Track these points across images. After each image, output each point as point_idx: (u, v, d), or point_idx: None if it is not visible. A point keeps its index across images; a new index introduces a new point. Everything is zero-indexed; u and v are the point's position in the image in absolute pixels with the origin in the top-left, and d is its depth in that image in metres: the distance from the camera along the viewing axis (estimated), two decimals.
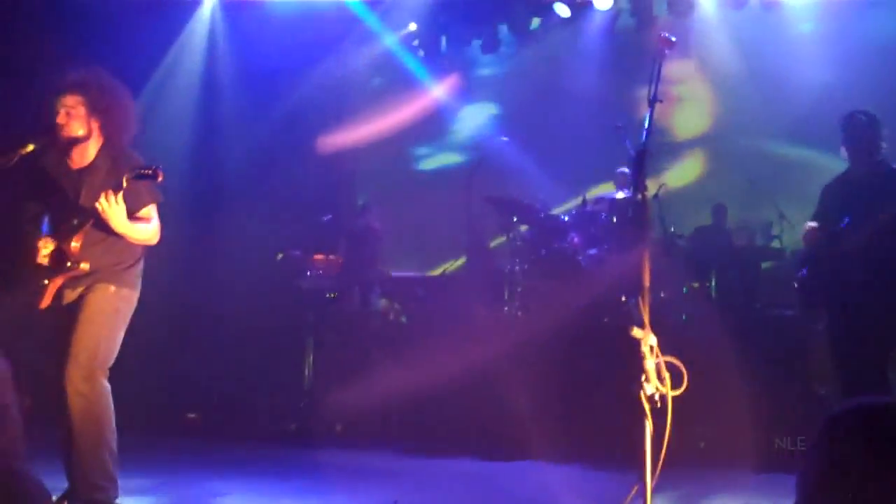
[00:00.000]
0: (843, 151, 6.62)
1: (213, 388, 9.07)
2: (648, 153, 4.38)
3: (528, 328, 8.41)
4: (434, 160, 12.31)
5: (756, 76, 10.49)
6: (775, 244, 9.88)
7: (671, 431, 4.36)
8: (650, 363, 4.31)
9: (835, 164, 6.85)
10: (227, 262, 9.53)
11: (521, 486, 6.70)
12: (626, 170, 9.62)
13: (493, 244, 9.99)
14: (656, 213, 9.13)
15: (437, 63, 11.93)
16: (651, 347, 4.25)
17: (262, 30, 10.31)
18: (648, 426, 4.25)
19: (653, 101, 4.47)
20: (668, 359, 4.40)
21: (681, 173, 10.92)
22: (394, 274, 10.20)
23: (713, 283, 9.05)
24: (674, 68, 7.29)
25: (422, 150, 12.41)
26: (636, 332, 4.27)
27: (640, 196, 4.43)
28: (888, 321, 6.26)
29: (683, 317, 8.50)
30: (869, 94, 8.69)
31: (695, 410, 4.68)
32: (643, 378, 4.34)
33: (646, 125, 4.51)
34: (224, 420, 8.79)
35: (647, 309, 4.31)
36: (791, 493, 2.33)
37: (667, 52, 4.56)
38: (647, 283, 4.36)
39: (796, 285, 6.87)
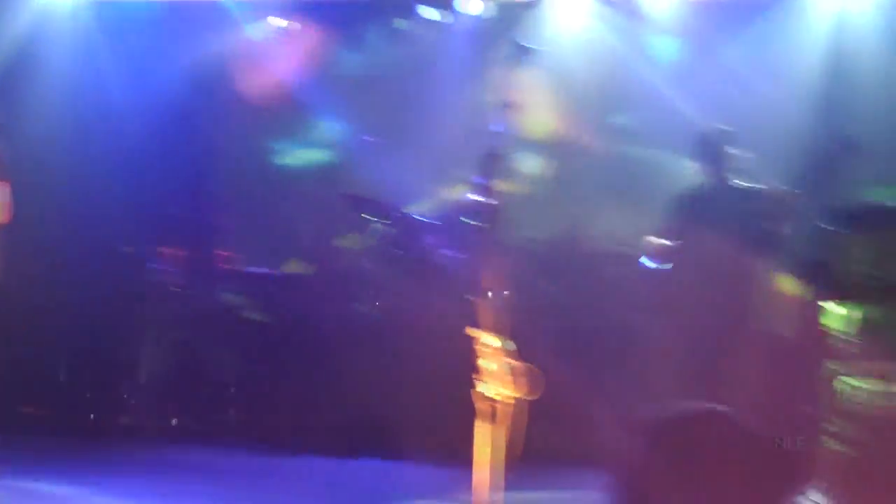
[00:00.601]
0: (696, 165, 6.83)
1: (47, 381, 8.77)
2: (498, 157, 4.58)
3: (382, 328, 8.57)
4: (294, 156, 12.12)
5: (615, 79, 10.62)
6: (627, 249, 9.75)
7: (512, 432, 4.44)
8: (490, 364, 4.37)
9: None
10: (70, 253, 9.30)
11: (366, 482, 6.92)
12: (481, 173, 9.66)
13: (348, 243, 9.84)
14: (509, 216, 9.10)
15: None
16: (493, 349, 4.36)
17: (126, 24, 10.18)
18: (485, 427, 4.34)
19: (504, 106, 4.67)
20: (511, 360, 4.48)
21: (536, 177, 10.81)
22: (246, 269, 10.02)
23: (564, 287, 9.14)
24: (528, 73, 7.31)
25: (281, 146, 12.20)
26: (476, 332, 4.39)
27: (488, 199, 4.62)
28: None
29: (534, 319, 8.32)
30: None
31: (539, 412, 4.73)
32: (482, 379, 4.40)
33: (497, 129, 4.66)
34: (56, 414, 8.54)
35: (490, 310, 4.39)
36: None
37: (522, 57, 4.73)
38: (491, 284, 4.46)
39: (646, 292, 7.09)
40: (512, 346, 4.41)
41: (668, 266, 6.83)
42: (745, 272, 6.56)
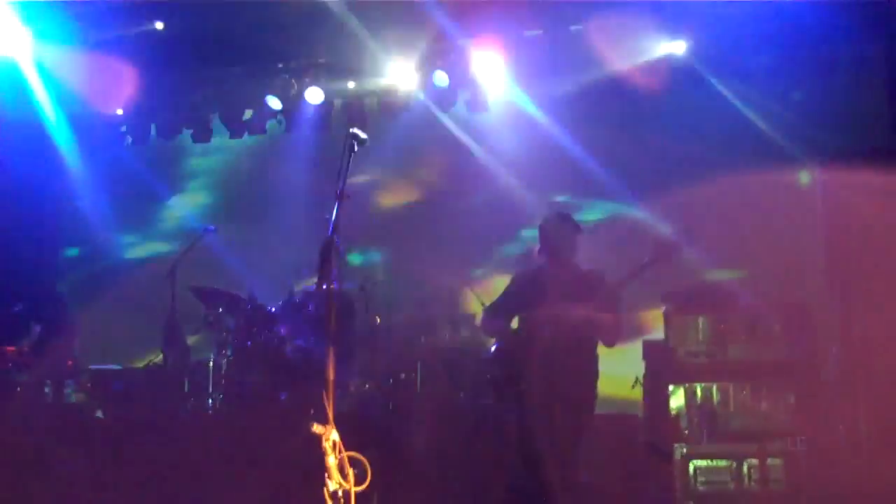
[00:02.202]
0: (538, 251, 7.05)
1: None
2: (334, 247, 4.63)
3: (230, 422, 8.42)
4: (140, 248, 11.90)
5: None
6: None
7: None
8: (332, 460, 4.38)
9: None
10: None
11: None
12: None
13: (195, 336, 9.82)
14: (362, 305, 9.27)
15: (147, 151, 11.72)
16: (333, 443, 4.32)
17: None
18: None
19: (340, 196, 4.74)
20: (352, 454, 4.48)
21: (392, 259, 11.00)
22: (92, 367, 9.72)
23: (419, 374, 9.13)
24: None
25: (128, 238, 11.97)
26: (317, 427, 4.32)
27: (325, 288, 4.63)
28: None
29: (389, 406, 8.65)
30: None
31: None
32: (326, 475, 4.39)
33: (332, 218, 4.72)
34: None
35: (331, 404, 4.34)
36: None
37: (356, 147, 4.85)
38: (331, 377, 4.41)
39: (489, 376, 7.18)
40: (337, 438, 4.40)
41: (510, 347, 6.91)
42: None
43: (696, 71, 9.77)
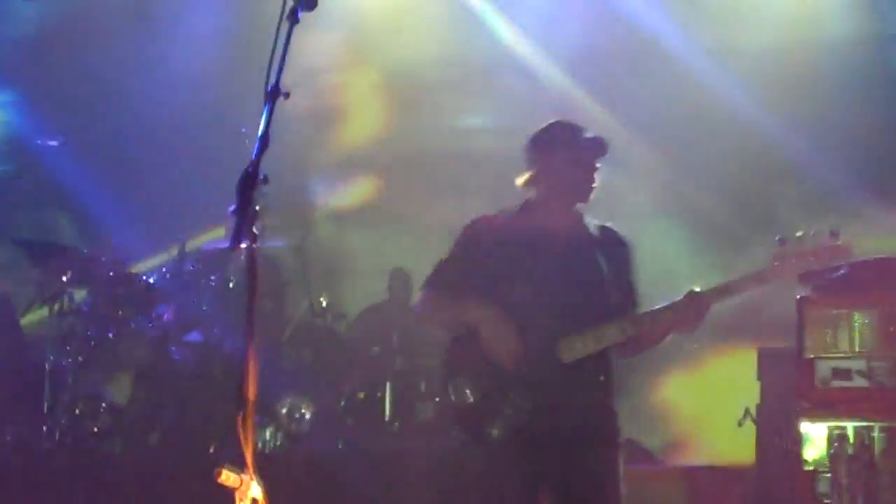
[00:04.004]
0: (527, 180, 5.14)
1: None
2: (263, 177, 3.16)
3: (75, 467, 6.40)
4: None
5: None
6: None
7: None
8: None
9: None
10: None
11: None
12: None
13: (27, 318, 7.59)
14: (299, 277, 7.56)
15: None
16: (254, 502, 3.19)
17: None
18: None
19: (272, 93, 3.30)
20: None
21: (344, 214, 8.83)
22: None
23: (388, 390, 6.99)
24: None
25: None
26: (227, 476, 3.04)
27: (243, 247, 3.18)
28: None
29: (339, 445, 6.89)
30: None
31: None
32: None
33: (260, 131, 3.23)
34: None
35: (250, 438, 3.05)
36: None
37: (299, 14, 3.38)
38: (251, 393, 3.07)
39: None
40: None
41: None
42: None
43: None
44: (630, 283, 4.43)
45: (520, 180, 4.44)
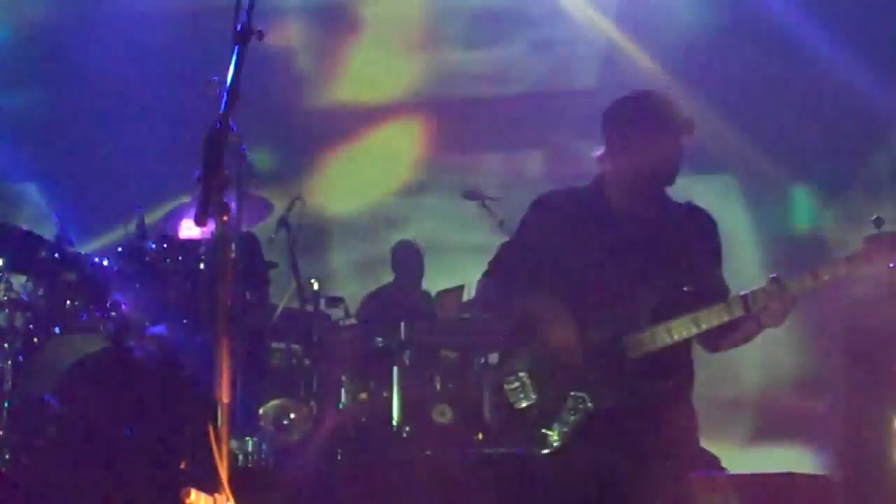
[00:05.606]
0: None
1: None
2: (232, 134, 3.69)
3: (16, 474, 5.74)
4: None
5: None
6: None
7: None
8: None
9: None
10: None
11: None
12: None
13: None
14: (286, 251, 6.77)
15: None
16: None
17: None
18: None
19: (242, 34, 3.12)
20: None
21: (344, 178, 7.98)
22: None
23: (395, 382, 6.25)
24: None
25: None
26: (196, 497, 2.86)
27: (216, 220, 3.04)
28: None
29: (338, 457, 6.14)
30: None
31: None
32: None
33: (228, 79, 3.03)
34: None
35: (224, 452, 2.87)
36: None
37: None
38: (224, 397, 2.92)
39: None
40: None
41: None
42: None
43: None
44: (715, 272, 4.24)
45: (595, 153, 4.33)
